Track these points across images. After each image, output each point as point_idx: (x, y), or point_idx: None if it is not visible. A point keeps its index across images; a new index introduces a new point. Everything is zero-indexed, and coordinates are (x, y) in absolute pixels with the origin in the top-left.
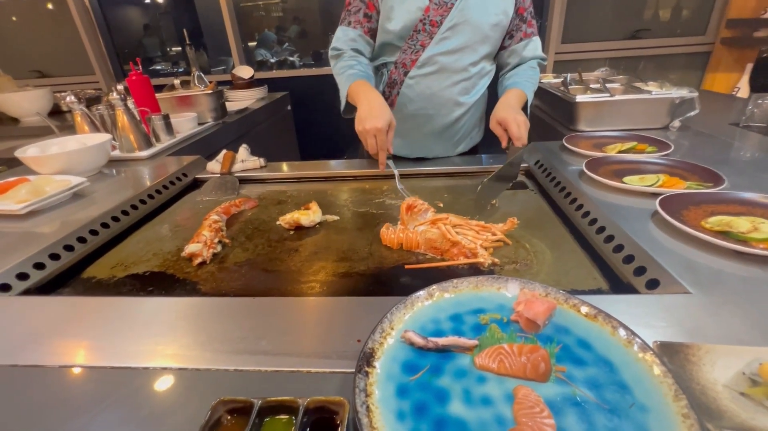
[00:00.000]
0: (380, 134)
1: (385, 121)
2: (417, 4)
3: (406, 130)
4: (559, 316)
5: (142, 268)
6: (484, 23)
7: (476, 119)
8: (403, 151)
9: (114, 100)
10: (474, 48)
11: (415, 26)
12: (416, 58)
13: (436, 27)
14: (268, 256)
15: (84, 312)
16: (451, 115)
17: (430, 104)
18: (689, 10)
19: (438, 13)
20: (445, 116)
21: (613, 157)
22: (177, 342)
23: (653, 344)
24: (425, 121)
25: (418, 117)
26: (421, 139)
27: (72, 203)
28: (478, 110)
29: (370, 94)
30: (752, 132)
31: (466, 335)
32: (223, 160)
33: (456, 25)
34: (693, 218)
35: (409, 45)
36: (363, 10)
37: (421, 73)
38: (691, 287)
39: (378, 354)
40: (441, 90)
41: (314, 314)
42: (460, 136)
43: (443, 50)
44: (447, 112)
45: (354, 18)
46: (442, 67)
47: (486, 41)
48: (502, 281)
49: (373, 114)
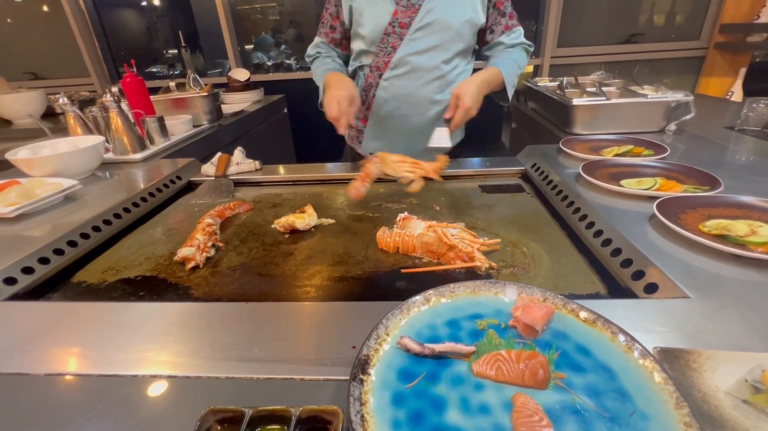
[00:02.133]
0: (343, 100)
1: (348, 91)
2: (385, 9)
3: (385, 130)
4: (557, 321)
5: (134, 272)
6: (453, 21)
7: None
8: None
9: (107, 101)
10: (445, 46)
11: (385, 29)
12: (388, 60)
13: (405, 28)
14: (262, 260)
15: (72, 318)
16: (427, 113)
17: (406, 104)
18: (683, 15)
19: (406, 15)
20: (421, 115)
21: (610, 160)
22: (167, 348)
23: (653, 350)
24: (403, 121)
25: (395, 117)
26: (400, 139)
27: (63, 206)
28: None
29: (341, 77)
30: (747, 135)
31: (463, 341)
32: (217, 163)
33: (425, 25)
34: (690, 222)
35: (381, 48)
36: (329, 23)
37: (394, 74)
38: (689, 291)
39: (373, 361)
40: (415, 89)
41: (308, 319)
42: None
43: (414, 50)
44: (423, 111)
45: (323, 30)
46: (415, 67)
47: (457, 39)
48: (499, 286)
49: (340, 86)
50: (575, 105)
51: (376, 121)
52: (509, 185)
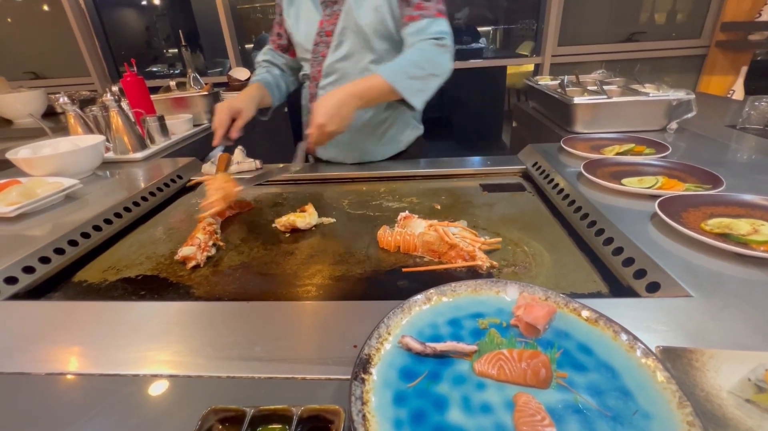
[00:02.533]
0: (222, 112)
1: (233, 103)
2: (313, 19)
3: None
4: (559, 320)
5: (135, 272)
6: (367, 21)
7: (402, 115)
8: (342, 158)
9: (108, 101)
10: (369, 46)
11: (314, 39)
12: (320, 68)
13: (330, 36)
14: (263, 259)
15: (73, 318)
16: (365, 115)
17: None
18: (684, 14)
19: (330, 22)
20: (359, 118)
21: (611, 158)
22: (168, 348)
23: (656, 349)
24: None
25: None
26: (353, 144)
27: (64, 205)
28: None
29: (248, 90)
30: (749, 134)
31: (464, 340)
32: (218, 162)
33: (343, 30)
34: (692, 220)
35: (314, 57)
36: (276, 30)
37: (327, 82)
38: (692, 290)
39: (375, 361)
40: None
41: (309, 319)
42: (392, 133)
43: (339, 56)
44: (360, 114)
45: (271, 37)
46: (343, 72)
47: (378, 37)
48: (501, 284)
49: (235, 97)
50: (576, 103)
51: None
52: (510, 184)
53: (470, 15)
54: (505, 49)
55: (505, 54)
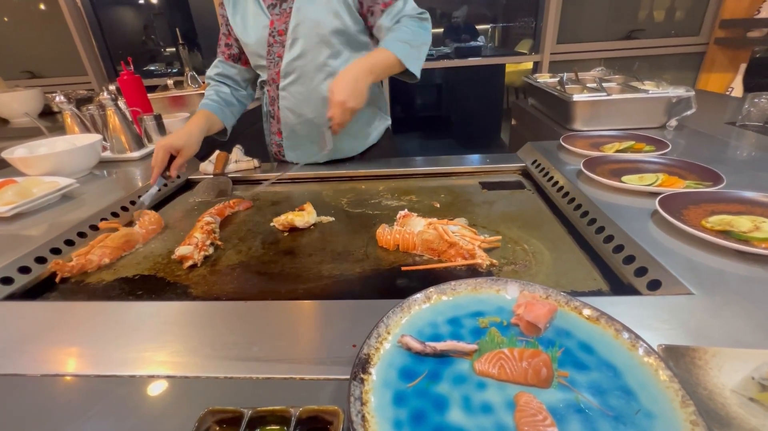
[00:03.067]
0: (160, 150)
1: (167, 141)
2: (262, 22)
3: (299, 139)
4: (560, 319)
5: (132, 271)
6: (321, 16)
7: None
8: (311, 158)
9: (105, 100)
10: (325, 42)
11: (267, 41)
12: (278, 69)
13: (284, 35)
14: (261, 259)
15: (68, 318)
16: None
17: (307, 109)
18: (683, 11)
19: (281, 21)
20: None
21: (611, 156)
22: (165, 348)
23: (658, 347)
24: (311, 126)
25: (303, 124)
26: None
27: (60, 205)
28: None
29: (189, 123)
30: (749, 131)
31: (465, 339)
32: (216, 161)
33: (296, 26)
34: (693, 217)
35: (270, 60)
36: (224, 41)
37: (287, 82)
38: (693, 288)
39: (374, 360)
40: (310, 92)
41: (308, 318)
42: (358, 126)
43: (296, 54)
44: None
45: (219, 49)
46: (302, 71)
47: (333, 31)
48: (501, 283)
49: (174, 133)
50: (576, 101)
51: (288, 131)
52: (510, 182)
53: (469, 13)
54: (504, 47)
55: (504, 52)
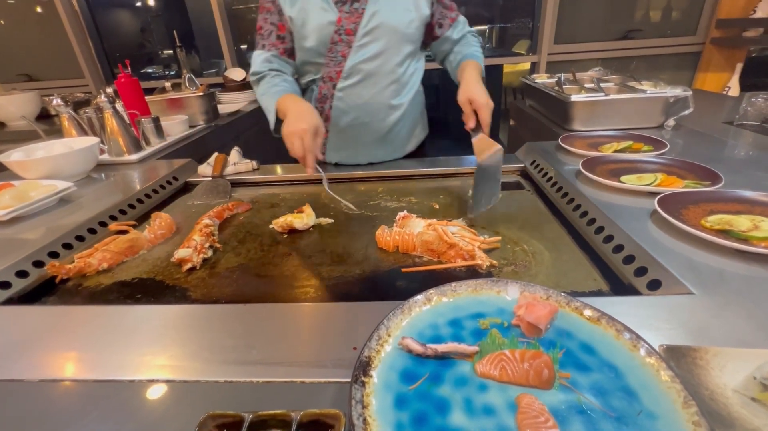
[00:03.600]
0: (306, 134)
1: (311, 124)
2: (328, 18)
3: (346, 141)
4: (561, 320)
5: (131, 275)
6: (398, 22)
7: (416, 117)
8: (353, 160)
9: (102, 102)
10: (396, 48)
11: (331, 38)
12: (340, 69)
13: (352, 35)
14: (260, 261)
15: (66, 323)
16: (388, 119)
17: (364, 112)
18: (680, 11)
19: (351, 20)
20: (382, 121)
21: (610, 156)
22: (164, 352)
23: (659, 347)
24: (363, 130)
25: (354, 127)
26: (362, 148)
27: (58, 208)
28: (416, 108)
29: (299, 102)
30: (746, 130)
31: (466, 341)
32: (214, 163)
33: (371, 29)
34: (692, 217)
35: (331, 58)
36: (275, 33)
37: (348, 83)
38: (693, 287)
39: (375, 363)
40: (372, 97)
41: (308, 321)
42: (402, 136)
43: (364, 57)
44: (383, 117)
45: (267, 41)
46: (368, 73)
47: (406, 39)
48: (501, 284)
49: (300, 117)
50: (574, 101)
51: (336, 131)
52: (508, 182)
53: (466, 14)
54: (501, 47)
55: (501, 52)
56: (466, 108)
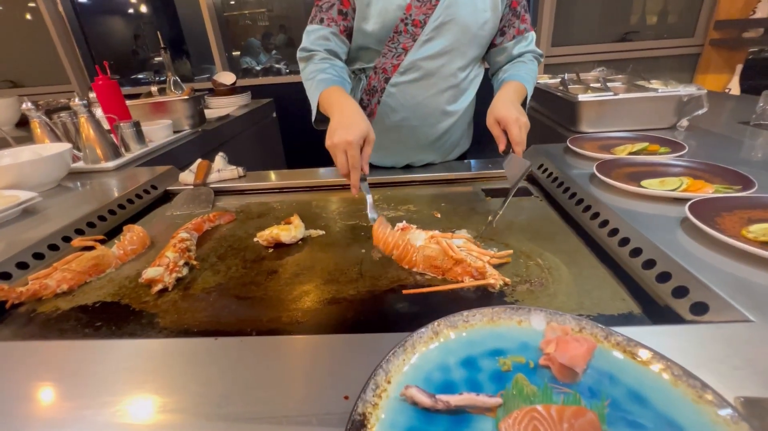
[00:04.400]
0: (351, 148)
1: (358, 134)
2: (397, 2)
3: (388, 142)
4: (599, 358)
5: (93, 298)
6: (472, 21)
7: (464, 127)
8: (390, 162)
9: (76, 106)
10: (462, 50)
11: (395, 27)
12: (398, 62)
13: (419, 27)
14: (241, 280)
15: (3, 365)
16: (439, 125)
17: (415, 114)
18: (677, 13)
19: (421, 11)
20: (432, 127)
21: (625, 159)
22: (111, 405)
23: (735, 400)
24: (409, 133)
25: (401, 128)
26: (404, 151)
27: (20, 221)
28: (467, 117)
29: (344, 102)
30: (765, 130)
31: (484, 387)
32: (197, 170)
33: (442, 24)
34: (729, 226)
35: (390, 48)
36: (336, 6)
37: (403, 80)
38: (749, 313)
39: (371, 422)
40: (426, 98)
41: (292, 359)
42: (447, 146)
43: (428, 54)
44: (434, 122)
45: (327, 15)
46: (428, 72)
47: (475, 42)
48: (523, 312)
49: (345, 124)
50: (581, 101)
51: (380, 130)
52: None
53: None
54: None
55: None
56: (494, 130)
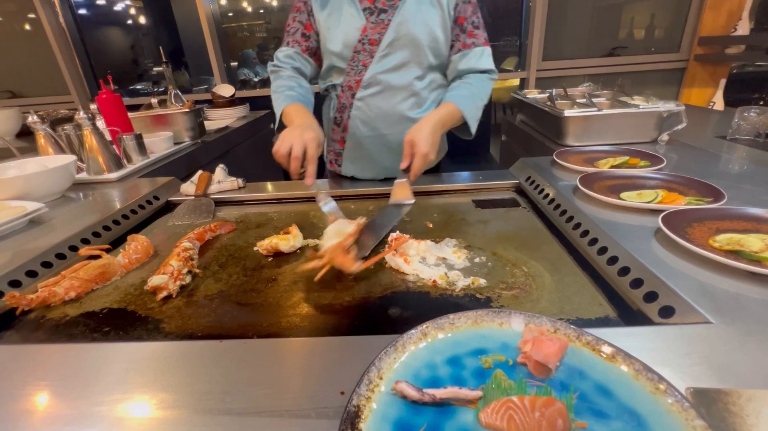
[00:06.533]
0: (312, 143)
1: (316, 135)
2: (354, 25)
3: (364, 153)
4: (571, 356)
5: (100, 304)
6: (423, 36)
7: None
8: (368, 174)
9: (81, 119)
10: (417, 62)
11: (354, 47)
12: (360, 78)
13: (375, 45)
14: (242, 287)
15: (16, 366)
16: (405, 131)
17: (382, 124)
18: (663, 29)
19: (376, 31)
20: (400, 134)
21: (607, 172)
22: (124, 401)
23: (686, 391)
24: (381, 142)
25: (373, 138)
26: (382, 160)
27: (27, 231)
28: None
29: (306, 116)
30: (740, 144)
31: (467, 382)
32: (198, 182)
33: (395, 40)
34: (699, 236)
35: (352, 66)
36: (300, 31)
37: (367, 93)
38: (710, 315)
39: (365, 413)
40: (390, 108)
41: (291, 359)
42: None
43: (386, 68)
44: (402, 129)
45: (292, 38)
46: (387, 85)
47: (429, 54)
48: (504, 315)
49: (310, 127)
50: (567, 116)
51: (353, 142)
52: (503, 199)
53: None
54: None
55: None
56: (406, 148)
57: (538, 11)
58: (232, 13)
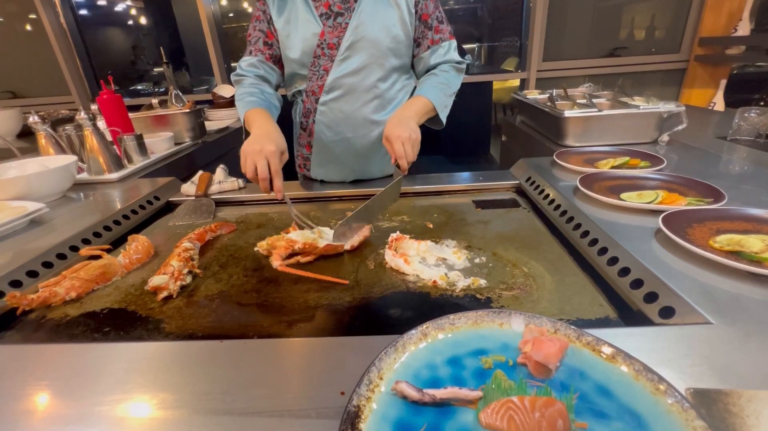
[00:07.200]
0: (273, 157)
1: (278, 145)
2: (312, 30)
3: (330, 156)
4: (571, 356)
5: (100, 305)
6: (383, 37)
7: None
8: (336, 177)
9: (82, 119)
10: (378, 63)
11: (314, 52)
12: (323, 83)
13: (335, 49)
14: (242, 287)
15: (16, 366)
16: (370, 134)
17: (347, 127)
18: (663, 29)
19: (334, 35)
20: (364, 137)
21: (607, 172)
22: (125, 400)
23: (686, 391)
24: (347, 145)
25: (339, 142)
26: (351, 162)
27: (28, 231)
28: None
29: (264, 121)
30: (740, 145)
31: (467, 382)
32: (198, 182)
33: (353, 43)
34: (699, 237)
35: (314, 71)
36: (262, 39)
37: (330, 98)
38: (710, 316)
39: (365, 413)
40: (353, 111)
41: (291, 359)
42: (387, 156)
43: (347, 71)
44: (366, 132)
45: (254, 47)
46: (349, 88)
47: (389, 55)
48: (504, 316)
49: (260, 137)
50: (567, 117)
51: (320, 147)
52: (504, 200)
53: (455, 32)
54: (491, 65)
55: (491, 69)
56: (386, 146)
57: (538, 12)
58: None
